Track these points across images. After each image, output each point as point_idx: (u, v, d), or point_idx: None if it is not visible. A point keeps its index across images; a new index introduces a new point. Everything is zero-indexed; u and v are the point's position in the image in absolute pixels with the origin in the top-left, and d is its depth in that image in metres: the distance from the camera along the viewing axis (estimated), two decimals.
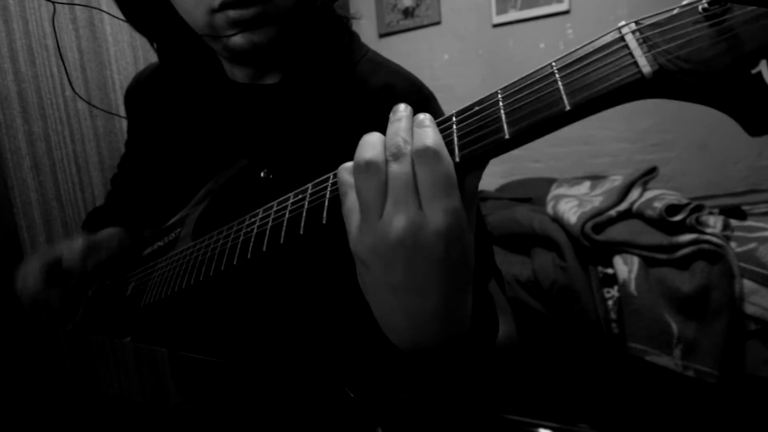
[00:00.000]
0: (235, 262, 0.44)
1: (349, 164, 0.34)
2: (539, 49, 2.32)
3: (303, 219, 0.39)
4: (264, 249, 0.41)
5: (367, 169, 0.31)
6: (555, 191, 1.85)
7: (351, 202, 0.33)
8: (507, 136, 0.30)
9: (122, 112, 1.64)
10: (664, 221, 1.38)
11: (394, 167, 0.31)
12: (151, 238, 0.68)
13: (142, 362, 0.50)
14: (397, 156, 0.31)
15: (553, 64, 0.30)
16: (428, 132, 0.31)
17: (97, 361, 0.52)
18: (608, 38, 0.29)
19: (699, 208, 1.41)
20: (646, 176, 1.61)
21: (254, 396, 0.40)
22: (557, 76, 0.29)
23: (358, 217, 0.33)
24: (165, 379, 0.46)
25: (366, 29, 2.73)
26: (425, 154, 0.30)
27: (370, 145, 0.32)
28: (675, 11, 0.27)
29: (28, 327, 0.65)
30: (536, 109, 0.29)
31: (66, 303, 0.68)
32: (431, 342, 0.34)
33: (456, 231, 0.30)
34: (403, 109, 0.34)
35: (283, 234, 0.40)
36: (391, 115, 0.34)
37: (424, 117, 0.33)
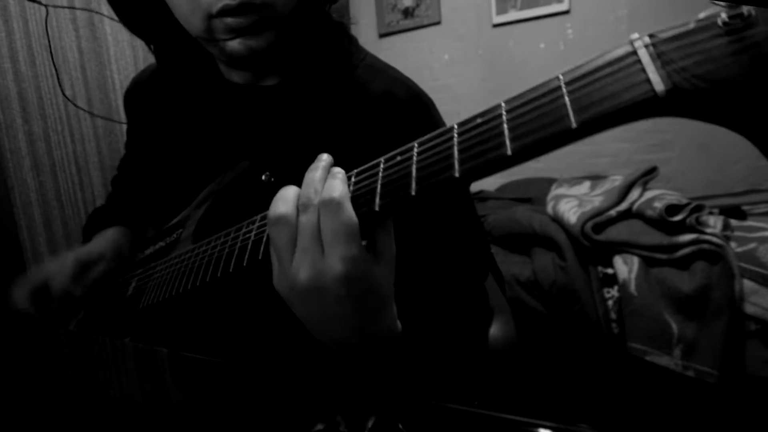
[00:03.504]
0: (231, 269, 0.44)
1: (278, 209, 0.37)
2: (539, 49, 2.31)
3: None
4: (260, 257, 0.41)
5: (277, 222, 0.35)
6: (555, 191, 1.85)
7: (271, 251, 0.37)
8: (509, 153, 0.28)
9: (122, 113, 1.64)
10: (664, 221, 1.38)
11: (303, 218, 0.35)
12: (152, 239, 0.68)
13: (141, 362, 0.50)
14: (306, 207, 0.35)
15: (561, 77, 0.28)
16: (336, 184, 0.34)
17: (97, 361, 0.52)
18: (620, 51, 0.27)
19: (699, 208, 1.41)
20: (646, 176, 1.61)
21: (252, 397, 0.40)
22: (564, 90, 0.28)
23: (276, 264, 0.37)
24: (164, 380, 0.46)
25: (366, 29, 2.73)
26: (329, 204, 0.33)
27: (283, 199, 0.36)
28: (692, 25, 0.25)
29: (28, 327, 0.65)
30: (541, 126, 0.28)
31: (67, 303, 0.68)
32: (355, 348, 0.39)
33: (355, 274, 0.34)
34: (324, 159, 0.38)
35: None
36: (314, 162, 0.38)
37: (338, 170, 0.36)
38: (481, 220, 0.60)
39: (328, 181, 0.35)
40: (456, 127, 0.32)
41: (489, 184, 2.41)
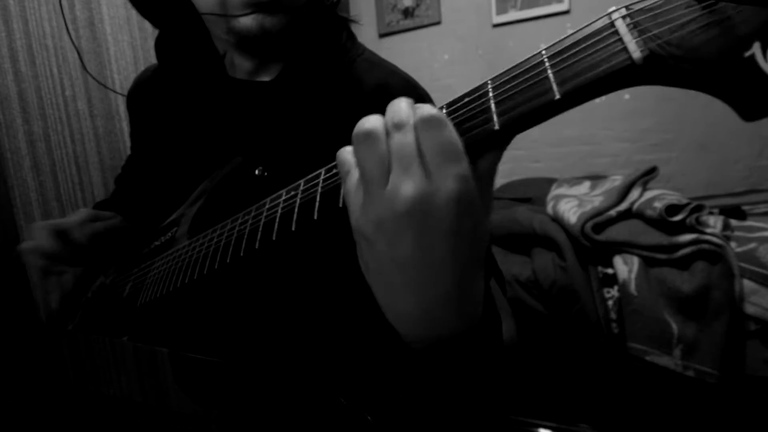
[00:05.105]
0: (228, 260, 0.44)
1: (349, 146, 0.33)
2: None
3: (294, 215, 0.39)
4: (257, 246, 0.41)
5: (367, 138, 0.30)
6: (555, 191, 1.85)
7: (352, 181, 0.31)
8: (496, 127, 0.29)
9: (122, 113, 1.63)
10: (664, 221, 1.38)
11: (397, 136, 0.29)
12: (148, 237, 0.68)
13: (140, 362, 0.50)
14: (399, 126, 0.30)
15: (543, 52, 0.30)
16: (429, 106, 0.30)
17: (96, 361, 0.52)
18: (598, 24, 0.28)
19: (699, 208, 1.41)
20: (646, 176, 1.61)
21: (249, 395, 0.40)
22: (547, 64, 0.29)
23: (362, 191, 0.31)
24: (164, 379, 0.46)
25: (366, 29, 2.73)
26: (430, 120, 0.29)
27: (370, 119, 0.31)
28: None
29: (28, 327, 0.65)
30: (526, 99, 0.29)
31: (66, 304, 0.68)
32: (443, 329, 0.32)
33: (467, 199, 0.28)
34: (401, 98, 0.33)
35: (275, 231, 0.40)
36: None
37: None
38: None
39: (419, 105, 0.31)
40: (444, 107, 0.33)
41: None
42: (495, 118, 0.30)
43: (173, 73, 0.65)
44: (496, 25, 2.41)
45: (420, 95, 0.58)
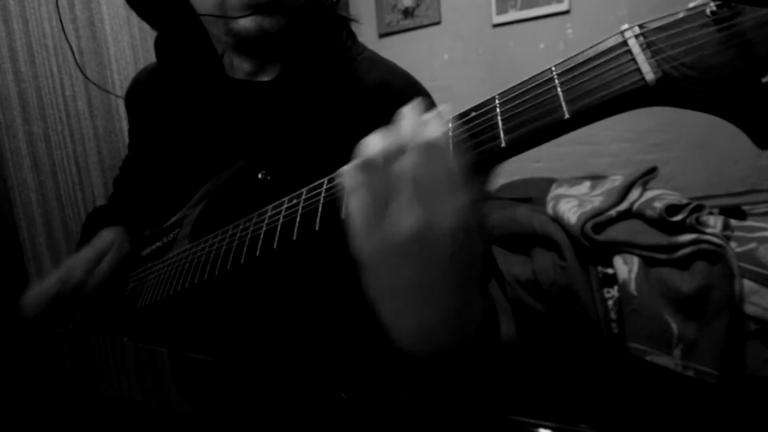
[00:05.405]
0: (228, 267, 0.44)
1: (352, 165, 0.33)
2: (539, 50, 2.31)
3: (296, 225, 0.39)
4: (257, 254, 0.41)
5: (369, 167, 0.30)
6: (555, 191, 1.85)
7: (355, 204, 0.32)
8: (503, 144, 0.29)
9: (122, 112, 1.63)
10: (664, 221, 1.38)
11: (399, 165, 0.30)
12: (150, 239, 0.67)
13: (140, 362, 0.50)
14: (401, 152, 0.30)
15: (553, 69, 0.29)
16: (433, 128, 0.30)
17: (96, 361, 0.52)
18: (611, 42, 0.27)
19: (699, 208, 1.41)
20: (646, 176, 1.61)
21: (248, 397, 0.40)
22: (557, 81, 0.28)
23: (363, 219, 0.31)
24: (164, 379, 0.46)
25: (366, 29, 2.73)
26: (431, 149, 0.29)
27: (374, 143, 0.31)
28: (681, 14, 0.26)
29: (29, 327, 0.65)
30: (534, 117, 0.28)
31: (66, 304, 0.68)
32: (442, 344, 0.33)
33: (464, 230, 0.29)
34: (410, 107, 0.33)
35: (276, 239, 0.40)
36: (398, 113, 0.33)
37: (430, 114, 0.32)
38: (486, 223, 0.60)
39: (423, 126, 0.30)
40: (450, 121, 0.32)
41: None
42: (502, 135, 0.29)
43: (172, 73, 0.65)
44: (496, 25, 2.41)
45: (419, 92, 0.58)
